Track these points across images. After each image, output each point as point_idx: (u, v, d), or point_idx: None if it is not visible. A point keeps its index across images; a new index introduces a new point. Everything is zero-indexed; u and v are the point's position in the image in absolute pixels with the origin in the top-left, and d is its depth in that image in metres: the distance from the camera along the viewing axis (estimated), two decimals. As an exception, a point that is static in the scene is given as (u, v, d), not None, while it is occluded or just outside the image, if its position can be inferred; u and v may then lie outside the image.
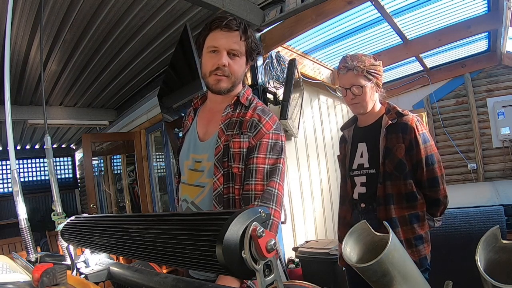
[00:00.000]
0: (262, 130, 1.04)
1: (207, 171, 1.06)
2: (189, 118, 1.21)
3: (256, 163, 1.00)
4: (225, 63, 1.04)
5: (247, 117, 1.06)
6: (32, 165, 7.12)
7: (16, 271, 0.74)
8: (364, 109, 1.45)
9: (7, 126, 1.13)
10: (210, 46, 1.05)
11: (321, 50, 3.28)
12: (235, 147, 1.02)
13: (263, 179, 1.00)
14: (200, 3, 2.14)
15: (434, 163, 1.35)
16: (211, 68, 1.05)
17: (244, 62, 1.10)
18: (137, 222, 0.61)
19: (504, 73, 3.90)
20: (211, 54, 1.05)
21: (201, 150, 1.10)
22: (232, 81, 1.07)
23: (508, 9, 2.42)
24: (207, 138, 1.10)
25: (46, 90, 3.74)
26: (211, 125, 1.12)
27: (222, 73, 1.05)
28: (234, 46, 1.04)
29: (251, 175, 0.99)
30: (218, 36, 1.04)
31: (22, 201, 1.06)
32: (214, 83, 1.07)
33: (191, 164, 1.11)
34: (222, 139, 1.04)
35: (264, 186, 0.99)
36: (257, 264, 0.41)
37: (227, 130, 1.05)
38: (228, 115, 1.08)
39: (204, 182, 1.06)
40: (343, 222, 1.54)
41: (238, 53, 1.06)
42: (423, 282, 0.70)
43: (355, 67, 1.39)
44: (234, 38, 1.04)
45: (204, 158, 1.08)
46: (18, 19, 2.32)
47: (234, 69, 1.06)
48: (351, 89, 1.42)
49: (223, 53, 1.04)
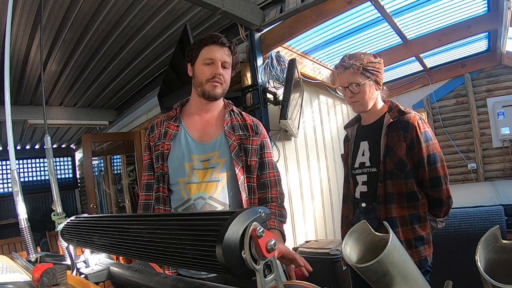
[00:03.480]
0: (262, 131, 1.30)
1: (221, 166, 1.19)
2: (171, 126, 1.26)
3: (267, 157, 1.28)
4: (222, 72, 1.21)
5: (248, 121, 1.29)
6: (32, 165, 7.12)
7: (16, 271, 0.74)
8: (364, 107, 1.44)
9: (7, 126, 1.13)
10: (207, 58, 1.21)
11: (321, 50, 3.28)
12: (254, 144, 1.24)
13: (273, 168, 1.29)
14: (200, 3, 2.14)
15: (436, 162, 1.32)
16: (209, 77, 1.20)
17: (230, 73, 1.27)
18: (137, 222, 0.61)
19: (504, 73, 3.90)
20: (207, 65, 1.21)
21: (207, 149, 1.21)
22: (224, 88, 1.24)
23: (508, 9, 2.42)
24: (209, 139, 1.23)
25: (46, 90, 3.74)
26: (209, 128, 1.26)
27: (218, 81, 1.21)
28: (226, 59, 1.22)
29: (266, 166, 1.27)
30: (213, 50, 1.21)
31: (22, 201, 1.06)
32: (211, 89, 1.21)
33: (197, 164, 1.20)
34: (232, 138, 1.22)
35: (275, 173, 1.28)
36: (257, 264, 0.41)
37: (235, 131, 1.24)
38: (227, 120, 1.26)
39: (218, 176, 1.19)
40: (345, 221, 1.53)
41: (228, 65, 1.24)
42: (423, 282, 0.70)
43: (352, 65, 1.39)
44: (225, 52, 1.22)
45: (214, 156, 1.20)
46: (18, 19, 2.32)
47: (226, 78, 1.24)
48: (349, 88, 1.41)
49: (219, 63, 1.20)
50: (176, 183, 1.20)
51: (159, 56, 3.21)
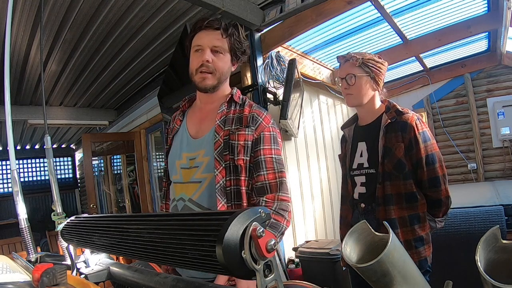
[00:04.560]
0: (262, 123, 1.09)
1: (204, 166, 1.07)
2: (177, 121, 1.21)
3: (264, 154, 1.06)
4: (209, 59, 1.07)
5: (246, 113, 1.10)
6: (32, 165, 7.12)
7: (16, 271, 0.74)
8: (357, 101, 1.44)
9: (7, 126, 1.14)
10: (195, 45, 1.10)
11: (321, 50, 3.28)
12: (240, 140, 1.05)
13: (274, 168, 1.06)
14: (200, 3, 2.14)
15: (435, 162, 1.32)
16: (197, 66, 1.09)
17: (229, 60, 1.13)
18: (137, 222, 0.61)
19: (504, 73, 3.90)
20: (196, 53, 1.10)
21: (195, 147, 1.11)
22: (217, 77, 1.10)
23: (508, 9, 2.42)
24: (200, 135, 1.12)
25: (46, 90, 3.74)
26: (204, 123, 1.14)
27: (207, 69, 1.08)
28: (216, 43, 1.08)
29: (262, 166, 1.05)
30: (201, 36, 1.09)
31: (22, 201, 1.06)
32: (200, 81, 1.10)
33: (185, 163, 1.11)
34: (220, 134, 1.07)
35: (276, 175, 1.06)
36: (257, 264, 0.41)
37: (225, 126, 1.08)
38: (223, 112, 1.11)
39: (200, 177, 1.07)
40: (344, 222, 1.53)
41: (221, 49, 1.09)
42: (423, 282, 0.70)
43: (352, 57, 1.41)
44: (216, 35, 1.09)
45: (199, 154, 1.09)
46: (18, 19, 2.32)
47: (218, 66, 1.09)
48: (346, 78, 1.42)
49: (207, 50, 1.08)
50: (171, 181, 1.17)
51: (159, 56, 3.21)
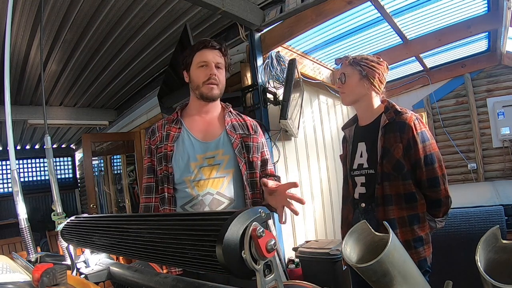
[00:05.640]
0: (261, 132, 1.40)
1: (225, 163, 1.26)
2: (173, 129, 1.31)
3: (267, 155, 1.38)
4: (216, 73, 1.27)
5: (248, 122, 1.37)
6: (32, 165, 7.11)
7: (16, 271, 0.74)
8: (350, 99, 1.48)
9: (7, 126, 1.14)
10: (200, 61, 1.27)
11: (321, 50, 3.28)
12: (254, 141, 1.32)
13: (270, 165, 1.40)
14: (200, 3, 2.14)
15: (434, 162, 1.31)
16: (204, 79, 1.26)
17: (225, 74, 1.33)
18: (137, 222, 0.61)
19: (504, 73, 3.90)
20: (201, 68, 1.27)
21: (211, 148, 1.27)
22: (220, 88, 1.30)
23: (508, 9, 2.42)
24: (210, 139, 1.29)
25: (46, 90, 3.74)
26: (211, 128, 1.32)
27: (215, 81, 1.27)
28: (219, 60, 1.29)
29: (267, 163, 1.37)
30: (206, 53, 1.28)
31: (22, 201, 1.07)
32: (208, 91, 1.27)
33: (203, 163, 1.25)
34: (234, 136, 1.29)
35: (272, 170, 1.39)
36: (257, 264, 0.41)
37: (236, 130, 1.31)
38: (228, 119, 1.34)
39: (223, 173, 1.25)
40: (345, 222, 1.53)
41: (221, 66, 1.30)
42: (423, 282, 0.70)
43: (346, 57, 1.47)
44: (217, 53, 1.29)
45: (218, 153, 1.27)
46: (18, 19, 2.32)
47: (221, 79, 1.30)
48: (339, 78, 1.48)
49: (212, 65, 1.27)
50: (181, 182, 1.24)
51: (159, 56, 3.21)
